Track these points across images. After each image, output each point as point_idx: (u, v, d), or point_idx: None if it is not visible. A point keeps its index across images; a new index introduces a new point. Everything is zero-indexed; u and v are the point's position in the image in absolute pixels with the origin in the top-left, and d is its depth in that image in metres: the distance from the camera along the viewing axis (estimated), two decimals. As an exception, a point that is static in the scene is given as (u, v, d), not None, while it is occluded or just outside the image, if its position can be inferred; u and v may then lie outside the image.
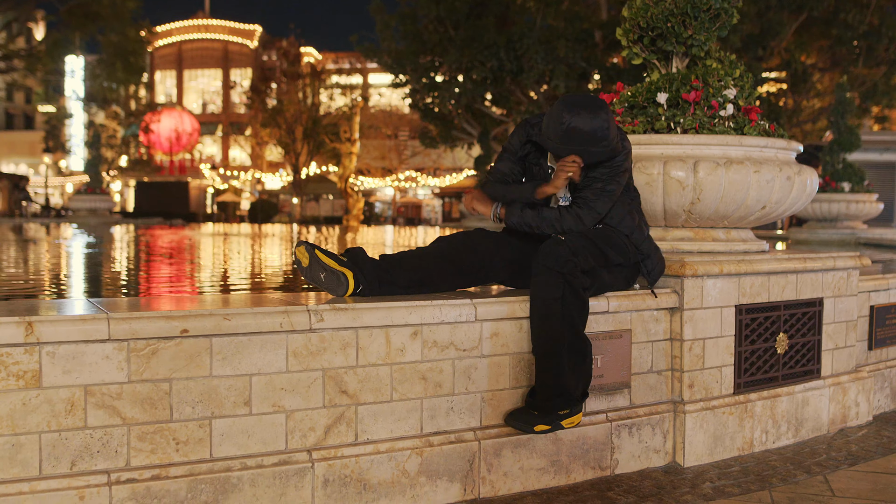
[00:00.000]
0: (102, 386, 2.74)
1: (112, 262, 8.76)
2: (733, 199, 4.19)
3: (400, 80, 28.00)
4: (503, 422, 3.41)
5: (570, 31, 23.14)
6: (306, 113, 48.01)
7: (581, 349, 3.35)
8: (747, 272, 4.07)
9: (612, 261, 3.51)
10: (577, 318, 3.32)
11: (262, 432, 2.98)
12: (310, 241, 3.42)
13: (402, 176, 53.76)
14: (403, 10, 27.51)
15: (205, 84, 63.68)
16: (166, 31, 62.41)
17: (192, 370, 2.86)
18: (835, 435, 4.45)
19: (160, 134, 55.12)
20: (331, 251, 3.36)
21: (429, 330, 3.24)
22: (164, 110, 55.74)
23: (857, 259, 4.64)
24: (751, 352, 4.14)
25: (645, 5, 4.55)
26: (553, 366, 3.28)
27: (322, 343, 3.05)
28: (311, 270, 3.33)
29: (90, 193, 27.75)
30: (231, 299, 3.42)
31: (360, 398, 3.14)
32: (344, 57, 56.72)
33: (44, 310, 2.83)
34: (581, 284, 3.33)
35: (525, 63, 23.99)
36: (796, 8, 24.41)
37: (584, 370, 3.39)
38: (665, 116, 4.35)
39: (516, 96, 26.89)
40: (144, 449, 2.81)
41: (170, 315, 2.81)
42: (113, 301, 3.18)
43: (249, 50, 61.59)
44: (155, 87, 63.02)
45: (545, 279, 3.29)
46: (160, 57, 63.13)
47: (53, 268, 7.71)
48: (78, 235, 16.70)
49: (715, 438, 3.92)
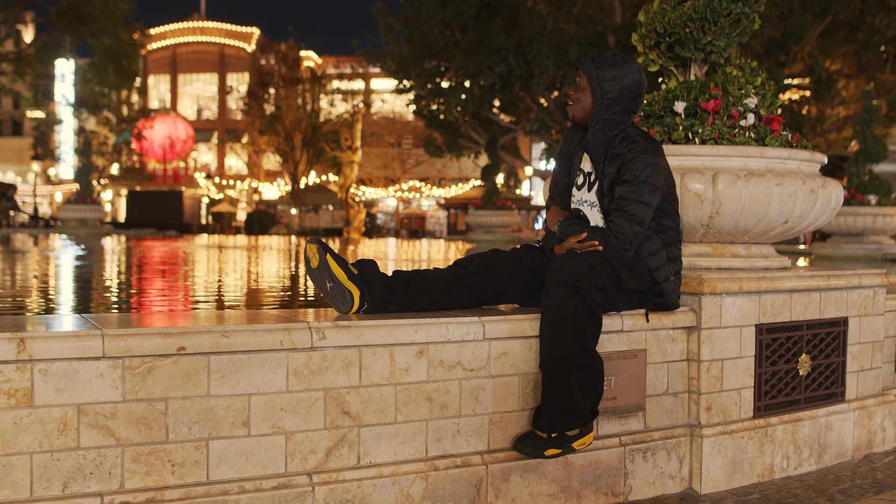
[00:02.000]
0: (96, 405, 2.77)
1: (102, 275, 8.79)
2: (754, 213, 4.21)
3: (404, 86, 28.06)
4: (511, 445, 3.43)
5: (582, 35, 23.18)
6: (306, 120, 48.12)
7: (592, 367, 3.37)
8: (768, 290, 4.09)
9: (624, 284, 3.54)
10: (589, 334, 3.34)
11: (260, 454, 3.00)
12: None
13: (405, 186, 53.82)
14: (408, 13, 27.56)
15: (200, 89, 63.88)
16: (160, 34, 62.65)
17: (189, 389, 2.89)
18: (860, 461, 4.45)
19: (153, 141, 55.25)
20: (343, 258, 3.39)
21: (435, 349, 3.27)
22: (158, 116, 55.86)
23: (883, 276, 4.66)
24: (771, 373, 4.16)
25: (662, 10, 4.58)
26: (562, 383, 3.30)
27: (324, 362, 3.08)
28: (319, 275, 3.37)
29: (80, 203, 27.85)
30: (229, 316, 3.45)
31: (363, 419, 3.16)
32: (345, 61, 56.97)
33: (36, 326, 2.86)
34: (595, 300, 3.36)
35: (535, 68, 24.02)
36: (820, 11, 24.40)
37: (595, 388, 3.41)
38: (683, 126, 4.37)
39: (526, 103, 26.93)
40: (139, 471, 2.83)
41: (166, 332, 2.84)
42: (107, 317, 3.21)
43: (247, 54, 61.81)
44: (148, 92, 63.23)
45: (558, 292, 3.32)
46: (154, 61, 63.37)
47: (42, 281, 7.75)
48: (67, 247, 16.76)
49: (733, 464, 3.93)
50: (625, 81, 3.60)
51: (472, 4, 25.53)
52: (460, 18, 25.82)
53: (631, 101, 3.64)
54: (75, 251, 15.01)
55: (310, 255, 3.42)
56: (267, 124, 48.50)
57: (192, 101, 64.02)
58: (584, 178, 3.80)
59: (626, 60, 3.64)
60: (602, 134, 3.65)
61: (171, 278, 8.32)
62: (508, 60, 23.96)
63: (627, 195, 3.53)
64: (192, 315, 3.62)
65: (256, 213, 52.41)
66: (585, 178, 3.79)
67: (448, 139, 29.57)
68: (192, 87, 64.11)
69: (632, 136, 3.63)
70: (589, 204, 3.77)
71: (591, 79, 3.61)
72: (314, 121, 48.57)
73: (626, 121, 3.67)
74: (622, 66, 3.62)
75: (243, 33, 62.27)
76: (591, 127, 3.66)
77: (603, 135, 3.65)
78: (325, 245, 3.40)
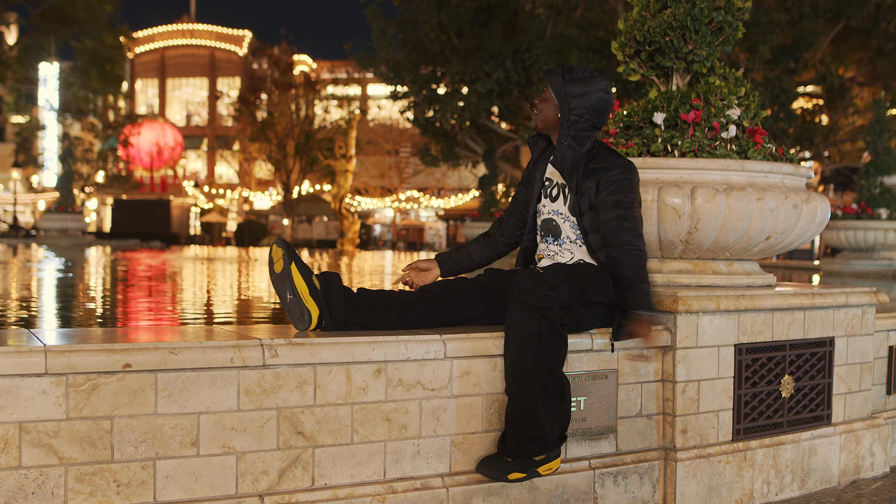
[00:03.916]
0: (38, 423, 2.81)
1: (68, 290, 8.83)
2: (734, 228, 4.25)
3: (398, 92, 28.14)
4: (475, 468, 3.46)
5: (583, 41, 23.30)
6: (299, 126, 48.26)
7: (558, 390, 3.40)
8: (748, 308, 4.12)
9: (589, 298, 3.58)
10: (554, 356, 3.38)
11: (210, 475, 3.04)
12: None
13: (402, 196, 53.94)
14: (403, 16, 27.69)
15: (189, 94, 64.11)
16: (148, 37, 62.89)
17: (136, 407, 2.92)
18: (846, 487, 4.48)
19: (140, 148, 55.33)
20: (308, 269, 3.42)
21: (394, 367, 3.30)
22: (145, 122, 56.00)
23: (872, 295, 4.69)
24: (752, 395, 4.19)
25: (642, 17, 4.63)
26: (527, 407, 3.34)
27: (277, 380, 3.12)
28: (280, 283, 3.42)
29: (61, 212, 27.94)
30: (180, 332, 3.49)
31: (318, 440, 3.20)
32: (340, 66, 57.16)
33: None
34: (560, 319, 3.40)
35: (534, 74, 24.10)
36: (832, 16, 24.47)
37: (563, 412, 3.45)
38: (662, 138, 4.42)
39: (525, 110, 26.99)
40: (83, 491, 2.87)
41: (111, 348, 2.87)
42: (53, 333, 3.25)
43: (238, 57, 62.05)
44: (135, 97, 63.45)
45: (520, 314, 3.36)
46: (141, 64, 63.62)
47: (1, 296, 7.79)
48: (44, 259, 16.80)
49: (710, 489, 3.96)
50: (590, 99, 3.73)
51: (470, 8, 25.63)
52: (457, 22, 25.92)
53: (597, 117, 3.77)
54: (50, 263, 15.05)
55: (274, 259, 3.45)
56: (258, 131, 48.62)
57: (181, 107, 64.24)
58: (559, 189, 3.87)
59: (594, 77, 3.76)
60: (572, 150, 3.75)
61: (142, 294, 8.35)
62: (506, 66, 24.04)
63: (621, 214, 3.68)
64: (142, 331, 3.65)
65: (247, 223, 52.50)
66: (560, 191, 3.87)
67: (444, 148, 29.64)
68: (181, 91, 64.34)
69: (603, 153, 3.79)
70: (562, 216, 3.85)
71: (559, 93, 3.74)
72: (307, 128, 48.70)
73: (594, 135, 3.79)
74: (590, 82, 3.74)
75: (235, 36, 62.50)
76: (560, 143, 3.76)
77: (573, 151, 3.75)
78: (292, 251, 3.43)
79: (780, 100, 22.49)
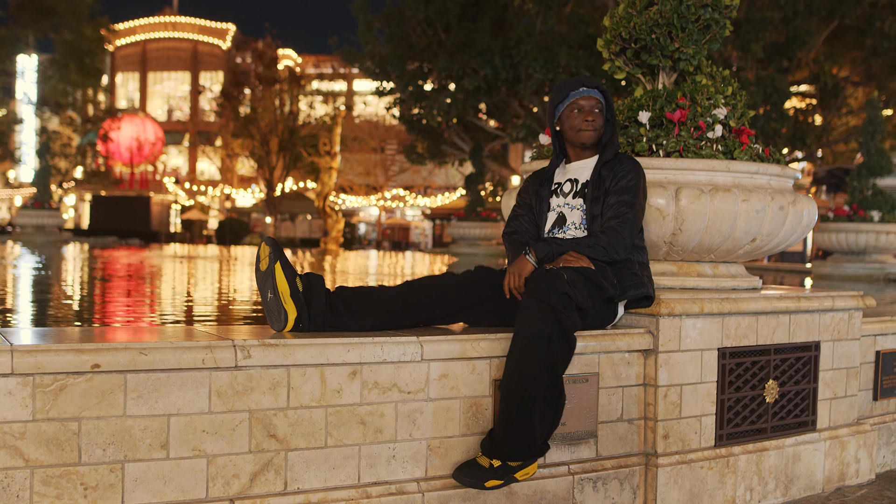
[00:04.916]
0: (4, 424, 2.80)
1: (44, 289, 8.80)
2: (719, 230, 4.27)
3: (384, 88, 28.09)
4: (451, 474, 3.46)
5: (573, 37, 23.27)
6: (282, 122, 48.17)
7: (556, 399, 3.40)
8: (732, 312, 4.14)
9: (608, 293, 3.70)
10: (560, 363, 3.39)
11: (180, 478, 3.03)
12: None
13: (388, 194, 53.89)
14: (389, 10, 27.63)
15: (171, 88, 63.93)
16: (129, 29, 62.72)
17: (104, 409, 2.92)
18: (830, 494, 4.51)
19: (120, 143, 55.20)
20: (292, 270, 3.45)
21: (369, 369, 3.31)
22: (125, 117, 55.81)
23: (859, 299, 4.72)
24: (735, 400, 4.21)
25: (628, 14, 4.65)
26: (525, 410, 3.33)
27: (249, 382, 3.11)
28: (264, 281, 3.45)
29: (37, 208, 27.81)
30: (150, 332, 3.48)
31: (291, 443, 3.20)
32: (326, 61, 57.11)
33: (-61, 340, 2.89)
34: (573, 325, 3.41)
35: (522, 71, 24.10)
36: (826, 14, 24.49)
37: (553, 421, 3.46)
38: (647, 137, 4.44)
39: (513, 108, 27.01)
40: (49, 494, 2.86)
41: (79, 348, 2.87)
42: (20, 332, 3.24)
43: (221, 51, 61.92)
44: (115, 91, 63.25)
45: (535, 314, 3.34)
46: (122, 57, 63.42)
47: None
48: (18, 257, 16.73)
49: (691, 495, 3.98)
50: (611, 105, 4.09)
51: (458, 3, 25.56)
52: (444, 17, 25.87)
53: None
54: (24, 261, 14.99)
55: (261, 256, 3.48)
56: (241, 127, 48.51)
57: (163, 101, 64.05)
58: (572, 185, 4.02)
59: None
60: (611, 154, 4.00)
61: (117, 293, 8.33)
62: (494, 63, 24.01)
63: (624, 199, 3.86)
64: (110, 331, 3.64)
65: (229, 221, 52.38)
66: (573, 185, 4.01)
67: (431, 145, 29.60)
68: (163, 86, 64.15)
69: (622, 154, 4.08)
70: (570, 206, 3.97)
71: (610, 104, 4.04)
72: (291, 124, 48.60)
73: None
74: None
75: (218, 29, 62.36)
76: (608, 149, 4.01)
77: (612, 154, 4.00)
78: (279, 250, 3.45)
79: (773, 99, 22.53)
